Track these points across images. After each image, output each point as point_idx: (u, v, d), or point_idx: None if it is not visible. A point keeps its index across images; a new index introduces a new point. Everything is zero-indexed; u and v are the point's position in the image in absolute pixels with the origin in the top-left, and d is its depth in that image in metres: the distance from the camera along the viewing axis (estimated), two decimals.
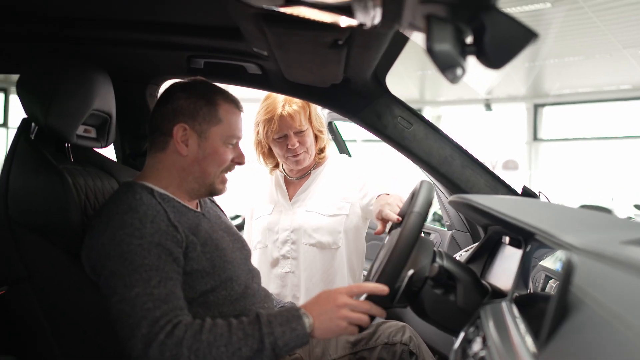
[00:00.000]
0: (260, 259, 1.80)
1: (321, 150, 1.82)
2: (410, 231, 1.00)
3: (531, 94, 8.91)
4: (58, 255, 1.18)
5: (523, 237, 0.96)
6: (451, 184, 1.62)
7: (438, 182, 1.71)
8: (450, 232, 1.99)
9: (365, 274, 1.61)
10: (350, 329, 1.02)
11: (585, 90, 8.50)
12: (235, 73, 1.59)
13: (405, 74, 7.62)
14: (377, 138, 1.65)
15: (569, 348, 0.56)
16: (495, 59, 0.58)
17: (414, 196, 1.10)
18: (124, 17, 1.31)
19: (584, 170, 9.05)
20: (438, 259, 1.03)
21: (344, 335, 1.14)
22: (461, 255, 1.52)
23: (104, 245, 1.06)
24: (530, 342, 0.66)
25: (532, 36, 0.58)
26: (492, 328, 0.79)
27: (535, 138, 9.45)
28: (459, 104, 10.05)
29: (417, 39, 0.68)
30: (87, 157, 1.40)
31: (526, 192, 1.57)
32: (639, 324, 0.48)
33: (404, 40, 1.41)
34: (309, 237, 1.73)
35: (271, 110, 1.69)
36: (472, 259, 1.28)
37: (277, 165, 1.86)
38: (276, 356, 0.99)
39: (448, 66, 0.57)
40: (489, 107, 9.42)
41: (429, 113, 9.97)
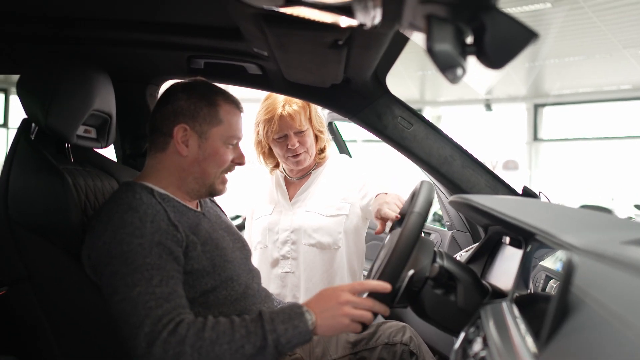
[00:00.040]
0: (260, 259, 1.80)
1: (321, 151, 1.82)
2: (411, 231, 1.00)
3: (531, 94, 8.91)
4: (58, 255, 1.18)
5: (523, 237, 0.96)
6: (451, 184, 1.62)
7: (438, 182, 1.71)
8: (450, 232, 1.99)
9: (365, 274, 1.61)
10: (353, 326, 1.01)
11: (586, 90, 8.51)
12: (236, 73, 1.59)
13: (406, 74, 7.62)
14: (377, 138, 1.65)
15: (570, 348, 0.56)
16: (495, 59, 0.58)
17: (414, 196, 1.10)
18: (124, 17, 1.31)
19: (584, 170, 9.05)
20: (438, 259, 1.03)
21: (347, 332, 1.13)
22: (461, 256, 1.52)
23: (104, 245, 1.06)
24: (530, 342, 0.66)
25: (532, 36, 0.58)
26: (493, 328, 0.79)
27: (535, 138, 9.45)
28: (459, 104, 10.05)
29: (417, 39, 0.68)
30: (87, 158, 1.40)
31: (526, 192, 1.57)
32: (639, 324, 0.48)
33: (404, 40, 1.41)
34: (309, 238, 1.73)
35: (271, 110, 1.69)
36: (473, 259, 1.28)
37: (277, 166, 1.86)
38: (279, 353, 0.99)
39: (448, 66, 0.57)
40: (489, 107, 9.42)
41: (429, 113, 9.97)
